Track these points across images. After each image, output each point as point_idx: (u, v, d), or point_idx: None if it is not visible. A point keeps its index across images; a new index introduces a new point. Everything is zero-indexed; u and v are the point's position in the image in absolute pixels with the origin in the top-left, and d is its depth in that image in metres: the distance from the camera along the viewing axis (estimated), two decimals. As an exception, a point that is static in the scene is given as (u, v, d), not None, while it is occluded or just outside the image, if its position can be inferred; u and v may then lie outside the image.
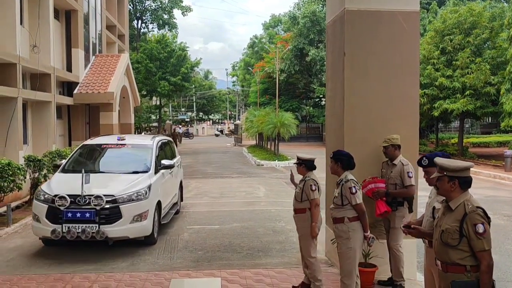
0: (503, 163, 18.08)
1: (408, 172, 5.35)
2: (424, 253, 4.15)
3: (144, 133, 13.27)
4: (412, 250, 5.80)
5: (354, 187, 4.66)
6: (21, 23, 13.07)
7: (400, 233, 5.31)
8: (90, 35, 19.46)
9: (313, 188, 5.14)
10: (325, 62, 36.15)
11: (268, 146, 28.13)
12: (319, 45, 38.24)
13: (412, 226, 3.75)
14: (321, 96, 38.48)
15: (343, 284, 4.73)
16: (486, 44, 22.38)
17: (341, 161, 4.82)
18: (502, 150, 21.39)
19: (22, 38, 12.97)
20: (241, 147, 34.75)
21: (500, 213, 10.41)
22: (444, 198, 3.36)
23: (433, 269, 3.73)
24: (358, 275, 4.81)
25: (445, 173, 3.24)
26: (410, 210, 5.45)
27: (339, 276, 5.87)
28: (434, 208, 3.84)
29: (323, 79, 37.36)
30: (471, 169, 3.32)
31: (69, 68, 17.19)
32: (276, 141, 25.05)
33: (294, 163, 5.54)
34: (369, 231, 4.74)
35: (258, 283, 5.77)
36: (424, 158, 4.05)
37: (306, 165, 5.32)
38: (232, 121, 69.16)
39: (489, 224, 3.11)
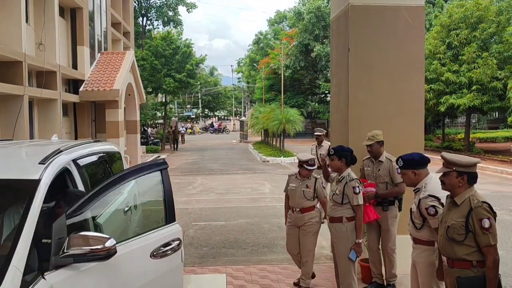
0: (510, 158, 17.99)
1: (397, 169, 4.95)
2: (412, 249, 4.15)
3: (55, 137, 5.03)
4: (408, 244, 5.72)
5: (358, 187, 4.56)
6: (26, 21, 13.12)
7: (393, 235, 5.20)
8: (95, 33, 19.50)
9: (324, 185, 5.19)
10: (330, 58, 35.89)
11: (274, 143, 28.11)
12: (324, 40, 38.11)
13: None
14: (327, 92, 38.37)
15: (342, 285, 4.69)
16: (493, 39, 22.15)
17: (345, 157, 4.70)
18: (509, 145, 21.27)
19: (27, 36, 13.02)
20: (247, 144, 34.75)
21: (507, 208, 10.35)
22: (449, 193, 3.35)
23: (416, 264, 3.79)
24: (354, 275, 4.73)
25: (454, 168, 3.23)
26: (400, 209, 5.23)
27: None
28: (411, 210, 3.82)
29: (329, 75, 37.20)
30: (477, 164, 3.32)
31: (74, 66, 17.24)
32: (282, 137, 25.02)
33: (304, 167, 5.23)
34: (361, 239, 4.58)
35: (263, 279, 5.78)
36: (400, 159, 3.87)
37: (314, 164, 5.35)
38: (237, 117, 69.17)
39: (495, 219, 3.11)
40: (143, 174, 3.37)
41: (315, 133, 9.51)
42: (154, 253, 3.21)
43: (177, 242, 3.40)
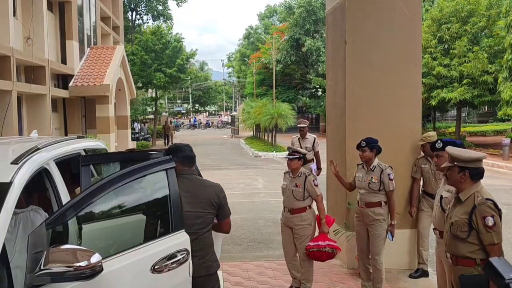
0: (501, 152, 18.08)
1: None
2: (435, 244, 4.11)
3: (34, 133, 4.10)
4: (400, 239, 5.57)
5: (391, 173, 4.90)
6: (14, 15, 12.88)
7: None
8: (84, 27, 19.22)
9: (316, 183, 4.90)
10: (321, 52, 36.03)
11: (265, 137, 28.05)
12: (315, 35, 38.06)
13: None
14: (318, 86, 38.34)
15: (374, 261, 4.88)
16: (484, 33, 22.24)
17: (376, 148, 4.94)
18: (499, 139, 21.41)
19: (15, 30, 12.78)
20: (238, 139, 34.64)
21: (500, 201, 10.24)
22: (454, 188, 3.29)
23: (443, 259, 3.67)
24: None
25: (455, 163, 3.15)
26: None
27: (342, 268, 5.86)
28: (441, 197, 3.78)
29: (319, 69, 37.19)
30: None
31: (63, 61, 16.98)
32: (273, 132, 24.97)
33: (291, 157, 4.94)
34: (395, 220, 4.91)
35: (260, 275, 5.72)
36: (439, 141, 4.10)
37: (304, 159, 5.05)
38: (228, 112, 68.98)
39: (500, 217, 3.04)
40: (144, 175, 2.89)
41: (300, 125, 8.62)
42: (156, 267, 2.74)
43: (184, 253, 2.90)
